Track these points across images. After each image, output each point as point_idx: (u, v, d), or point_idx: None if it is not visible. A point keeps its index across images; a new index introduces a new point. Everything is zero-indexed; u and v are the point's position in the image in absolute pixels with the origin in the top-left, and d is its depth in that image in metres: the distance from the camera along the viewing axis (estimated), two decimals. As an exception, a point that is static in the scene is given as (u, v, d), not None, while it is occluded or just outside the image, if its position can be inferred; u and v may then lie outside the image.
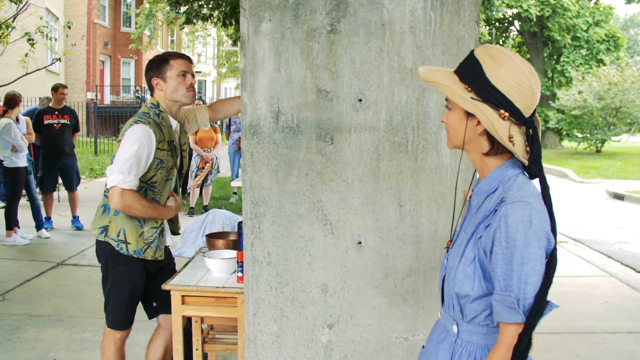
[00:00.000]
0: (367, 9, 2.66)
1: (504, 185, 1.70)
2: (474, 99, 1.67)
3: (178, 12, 15.18)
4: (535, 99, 1.68)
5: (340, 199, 2.70)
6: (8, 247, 7.87)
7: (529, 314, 1.58)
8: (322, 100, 2.68)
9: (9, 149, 7.77)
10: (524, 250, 1.57)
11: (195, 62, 41.63)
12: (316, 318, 2.77)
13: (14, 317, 5.34)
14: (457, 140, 1.78)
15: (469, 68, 1.71)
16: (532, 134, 1.67)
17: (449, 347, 1.82)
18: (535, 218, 1.58)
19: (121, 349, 3.43)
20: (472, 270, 1.71)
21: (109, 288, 3.36)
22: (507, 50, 1.69)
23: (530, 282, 1.57)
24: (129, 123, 3.21)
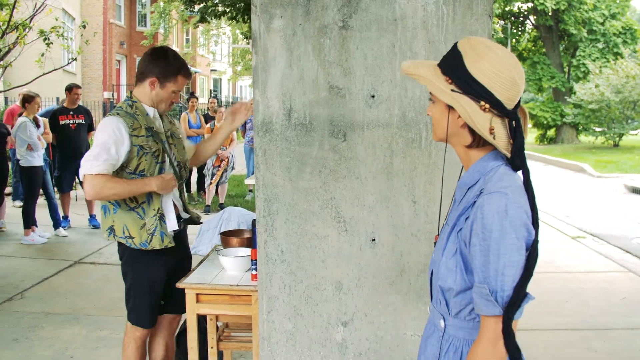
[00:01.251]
0: (378, 4, 2.64)
1: (485, 177, 1.69)
2: (454, 91, 1.66)
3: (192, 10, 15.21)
4: (518, 91, 1.65)
5: (354, 196, 2.69)
6: (26, 245, 7.94)
7: (506, 306, 1.56)
8: (335, 96, 2.66)
9: (24, 147, 7.83)
10: (500, 241, 1.55)
11: (210, 60, 41.80)
12: (330, 316, 2.76)
13: (31, 315, 5.38)
14: (440, 133, 1.77)
15: (451, 60, 1.70)
16: (515, 126, 1.65)
17: (437, 343, 1.81)
18: (512, 209, 1.57)
19: (142, 347, 3.44)
20: (454, 263, 1.69)
21: (129, 286, 3.37)
22: (490, 42, 1.68)
23: (507, 274, 1.55)
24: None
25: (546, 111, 29.96)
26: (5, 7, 11.86)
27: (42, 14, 12.56)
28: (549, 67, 30.70)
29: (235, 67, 39.72)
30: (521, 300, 1.56)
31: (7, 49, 12.22)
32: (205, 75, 43.97)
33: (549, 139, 31.24)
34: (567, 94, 29.97)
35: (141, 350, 3.43)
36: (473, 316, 1.71)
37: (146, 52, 3.38)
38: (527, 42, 33.97)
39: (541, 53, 32.13)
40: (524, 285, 1.56)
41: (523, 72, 1.67)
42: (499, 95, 1.62)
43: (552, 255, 7.81)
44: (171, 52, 3.38)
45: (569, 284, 6.55)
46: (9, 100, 17.68)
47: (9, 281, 6.39)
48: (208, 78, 45.33)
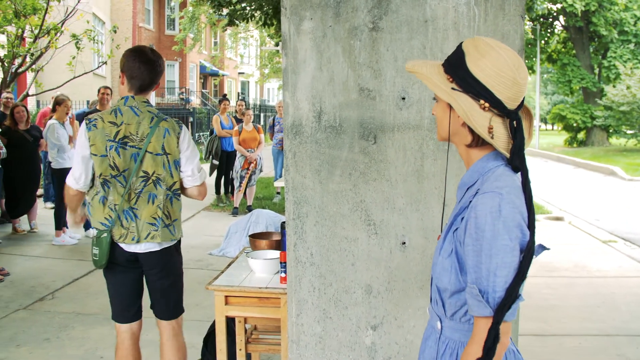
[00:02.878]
0: (409, 6, 2.62)
1: (483, 177, 1.67)
2: (455, 89, 1.65)
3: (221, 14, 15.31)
4: (519, 90, 1.63)
5: (384, 199, 2.67)
6: (57, 246, 8.04)
7: (497, 307, 1.53)
8: (365, 99, 2.65)
9: (55, 150, 7.92)
10: (493, 241, 1.53)
11: (238, 62, 42.03)
12: (360, 319, 2.75)
13: (62, 315, 5.44)
14: (442, 131, 1.76)
15: (454, 59, 1.69)
16: (516, 126, 1.63)
17: (434, 345, 1.79)
18: (505, 209, 1.54)
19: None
20: (449, 264, 1.68)
21: (179, 277, 3.44)
22: (494, 42, 1.65)
23: (500, 275, 1.53)
24: (175, 126, 3.27)
25: (576, 113, 29.62)
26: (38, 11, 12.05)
27: (73, 18, 12.74)
28: (579, 68, 30.34)
29: (262, 70, 39.86)
30: (512, 301, 1.53)
31: (39, 52, 12.42)
32: (233, 78, 44.21)
33: (579, 141, 30.87)
34: (597, 96, 29.56)
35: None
36: (468, 317, 1.69)
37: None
38: (556, 44, 33.59)
39: (571, 55, 31.76)
40: (516, 287, 1.53)
41: (527, 73, 1.65)
42: (499, 94, 1.61)
43: (583, 259, 7.70)
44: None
45: (601, 288, 6.45)
46: (41, 104, 17.94)
47: (40, 281, 6.47)
48: (236, 81, 45.57)
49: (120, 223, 3.17)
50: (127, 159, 3.13)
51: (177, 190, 3.28)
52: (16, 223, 8.83)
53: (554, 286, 6.48)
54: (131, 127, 3.15)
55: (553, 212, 11.14)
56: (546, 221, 10.38)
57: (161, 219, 3.20)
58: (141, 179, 3.17)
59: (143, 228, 3.18)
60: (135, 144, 3.15)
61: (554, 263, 7.43)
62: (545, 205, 11.84)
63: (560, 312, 5.65)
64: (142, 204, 3.18)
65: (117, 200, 3.14)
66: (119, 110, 3.17)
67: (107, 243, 3.15)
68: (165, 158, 3.19)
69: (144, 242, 3.20)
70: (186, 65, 33.92)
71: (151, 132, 3.16)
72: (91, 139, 3.11)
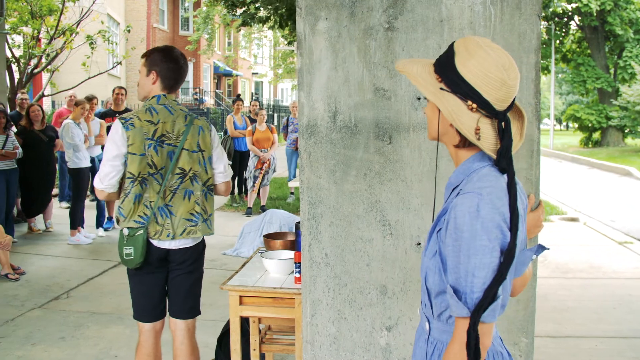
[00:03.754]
0: (424, 5, 2.61)
1: (468, 177, 1.65)
2: (443, 90, 1.64)
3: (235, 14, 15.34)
4: (509, 91, 1.61)
5: (399, 199, 2.66)
6: (72, 246, 8.08)
7: (474, 307, 1.52)
8: (380, 99, 2.64)
9: (70, 149, 7.97)
10: (471, 242, 1.52)
11: (252, 63, 42.13)
12: (374, 320, 2.74)
13: (77, 314, 5.47)
14: (432, 131, 1.75)
15: (444, 59, 1.68)
16: (504, 127, 1.61)
17: (424, 345, 1.79)
18: (484, 209, 1.53)
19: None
20: (434, 264, 1.67)
21: (200, 276, 3.45)
22: (484, 42, 1.64)
23: (477, 276, 1.52)
24: (207, 124, 3.37)
25: (591, 113, 29.42)
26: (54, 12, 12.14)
27: (88, 19, 12.83)
28: (593, 68, 30.13)
29: (276, 70, 39.94)
30: (489, 302, 1.51)
31: (54, 53, 12.51)
32: (246, 78, 44.34)
33: (594, 141, 30.66)
34: (612, 96, 29.34)
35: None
36: (454, 318, 1.67)
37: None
38: (571, 44, 33.37)
39: (586, 54, 31.55)
40: (494, 288, 1.51)
41: (517, 73, 1.63)
42: (486, 95, 1.59)
43: (599, 260, 7.64)
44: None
45: (617, 290, 6.39)
46: (56, 104, 18.06)
47: (55, 280, 6.51)
48: (249, 81, 45.70)
49: (156, 220, 3.18)
50: (164, 156, 3.17)
51: (211, 186, 3.35)
52: (32, 222, 8.89)
53: (569, 287, 6.43)
54: (167, 125, 3.19)
55: (568, 213, 11.07)
56: (561, 222, 10.31)
57: (200, 214, 3.27)
58: (177, 176, 3.21)
59: (179, 224, 3.21)
60: (172, 142, 3.19)
61: (569, 264, 7.38)
62: (560, 205, 11.77)
63: (576, 313, 5.61)
64: (177, 201, 3.21)
65: (153, 197, 3.17)
66: (153, 109, 3.21)
67: (143, 240, 3.15)
68: (200, 155, 3.27)
69: (179, 239, 3.23)
70: (200, 65, 34.05)
71: (187, 130, 3.23)
72: (130, 138, 3.11)
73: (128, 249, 3.16)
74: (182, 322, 3.39)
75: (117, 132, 3.13)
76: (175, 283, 3.35)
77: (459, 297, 1.55)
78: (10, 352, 4.59)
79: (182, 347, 3.39)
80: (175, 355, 3.41)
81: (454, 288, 1.56)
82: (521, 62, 2.59)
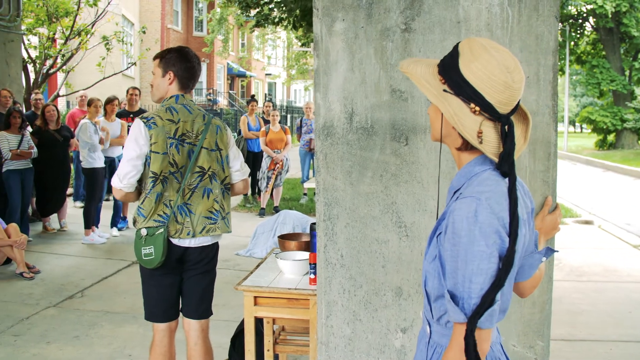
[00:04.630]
0: (442, 7, 2.60)
1: (469, 181, 1.64)
2: (446, 92, 1.61)
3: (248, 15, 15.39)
4: (512, 94, 1.59)
5: (415, 201, 2.65)
6: (86, 245, 8.12)
7: (471, 313, 1.50)
8: (397, 100, 2.64)
9: (86, 149, 8.01)
10: (469, 247, 1.50)
11: (265, 64, 42.22)
12: (390, 322, 2.73)
13: (91, 313, 5.50)
14: (435, 132, 1.73)
15: (448, 60, 1.65)
16: (507, 131, 1.59)
17: (424, 348, 1.78)
18: (482, 214, 1.51)
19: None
20: (434, 268, 1.65)
21: (214, 278, 3.48)
22: (489, 43, 1.61)
23: (475, 282, 1.50)
24: (223, 124, 3.42)
25: (606, 116, 29.21)
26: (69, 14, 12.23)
27: (104, 20, 12.91)
28: (608, 70, 29.89)
29: (289, 71, 39.99)
30: (486, 308, 1.50)
31: (70, 54, 12.60)
32: (260, 79, 44.42)
33: (609, 144, 30.44)
34: (627, 98, 29.11)
35: None
36: (452, 323, 1.66)
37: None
38: (585, 45, 33.16)
39: (600, 56, 31.32)
40: (491, 294, 1.50)
41: (522, 76, 1.60)
42: (490, 98, 1.57)
43: (614, 263, 7.59)
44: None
45: (633, 294, 6.34)
46: (71, 104, 18.18)
47: (70, 280, 6.55)
48: (263, 82, 45.78)
49: (175, 219, 3.19)
50: (185, 155, 3.20)
51: (228, 185, 3.38)
52: (46, 222, 8.95)
53: (584, 291, 6.39)
54: (187, 124, 3.23)
55: (582, 216, 11.00)
56: (575, 225, 10.25)
57: (219, 212, 3.30)
58: (196, 174, 3.24)
59: (198, 223, 3.23)
60: (192, 141, 3.23)
61: (583, 267, 7.34)
62: (574, 208, 11.70)
63: (590, 317, 5.57)
64: (196, 199, 3.23)
65: (173, 196, 3.19)
66: (173, 108, 3.24)
67: (163, 239, 3.15)
68: (218, 154, 3.31)
69: (199, 237, 3.25)
70: (214, 66, 34.14)
71: (205, 129, 3.27)
72: (153, 137, 3.12)
73: (147, 249, 3.16)
74: (196, 323, 3.40)
75: (140, 132, 3.13)
76: (191, 284, 3.36)
77: (456, 302, 1.54)
78: (26, 350, 4.62)
79: (196, 347, 3.39)
80: (190, 356, 3.41)
81: (452, 293, 1.55)
82: (539, 64, 2.58)
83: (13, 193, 7.76)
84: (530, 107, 2.56)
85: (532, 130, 2.57)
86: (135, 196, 3.26)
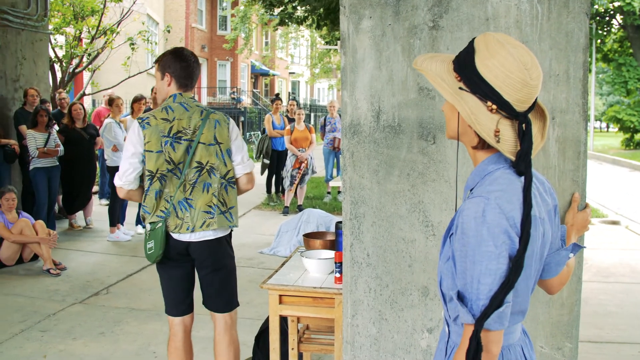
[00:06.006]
0: (470, 4, 2.58)
1: (482, 180, 1.62)
2: (462, 89, 1.59)
3: (272, 14, 15.41)
4: (530, 92, 1.56)
5: (442, 200, 2.63)
6: (111, 242, 8.20)
7: (480, 315, 1.49)
8: (424, 98, 2.61)
9: (110, 148, 8.08)
10: (477, 247, 1.49)
11: (289, 62, 42.30)
12: (416, 322, 2.71)
13: (116, 310, 5.54)
14: (451, 131, 1.71)
15: (464, 56, 1.62)
16: (525, 129, 1.56)
17: (443, 347, 1.77)
18: (490, 214, 1.49)
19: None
20: (447, 268, 1.63)
21: (233, 269, 3.51)
22: (506, 39, 1.58)
23: (483, 282, 1.48)
24: (224, 117, 3.44)
25: (632, 115, 28.84)
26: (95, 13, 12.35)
27: (129, 19, 13.02)
28: (635, 68, 29.50)
29: (313, 70, 39.99)
30: (494, 310, 1.48)
31: (95, 53, 12.72)
32: (283, 77, 44.50)
33: (636, 143, 30.03)
34: (655, 97, 28.72)
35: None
36: None
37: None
38: (612, 43, 32.74)
39: (628, 54, 30.90)
40: (500, 295, 1.48)
41: (540, 73, 1.57)
42: (507, 96, 1.54)
43: (642, 265, 7.48)
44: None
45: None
46: (96, 103, 18.36)
47: (95, 276, 6.61)
48: (286, 80, 45.85)
49: (176, 214, 3.27)
50: (182, 152, 3.26)
51: (232, 179, 3.39)
52: (72, 219, 9.04)
53: (611, 292, 6.31)
54: (183, 121, 3.29)
55: (609, 216, 10.86)
56: (602, 225, 10.12)
57: (217, 207, 3.32)
58: (195, 169, 3.29)
59: (198, 217, 3.28)
60: (189, 137, 3.28)
61: (610, 268, 7.24)
62: (600, 208, 11.55)
63: (618, 318, 5.50)
64: (196, 194, 3.29)
65: (173, 192, 3.27)
66: (169, 107, 3.32)
67: (162, 233, 3.25)
68: (217, 147, 3.34)
69: (199, 231, 3.29)
70: (237, 65, 34.25)
71: (202, 124, 3.31)
72: (146, 137, 3.23)
73: (150, 243, 3.28)
74: (220, 316, 3.48)
75: (134, 132, 3.27)
76: (205, 282, 3.44)
77: (465, 303, 1.53)
78: (53, 345, 4.67)
79: (219, 338, 3.48)
80: (215, 348, 3.51)
81: (462, 294, 1.54)
82: (568, 62, 2.54)
83: (40, 191, 7.86)
84: (560, 105, 2.53)
85: (562, 128, 2.54)
86: (139, 195, 3.37)
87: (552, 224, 1.72)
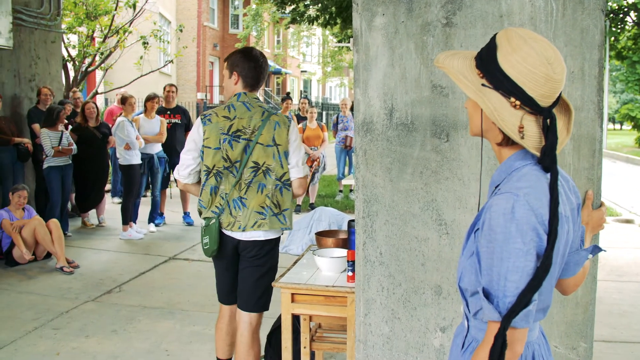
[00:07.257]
0: (484, 1, 2.56)
1: (509, 176, 1.60)
2: (485, 86, 1.57)
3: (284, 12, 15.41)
4: (554, 87, 1.54)
5: (456, 198, 2.61)
6: (124, 241, 8.22)
7: (506, 312, 1.46)
8: (437, 96, 2.60)
9: (122, 146, 8.10)
10: (504, 244, 1.47)
11: (300, 61, 42.30)
12: (429, 321, 2.70)
13: (129, 307, 5.56)
14: (474, 128, 1.70)
15: (485, 53, 1.61)
16: (549, 125, 1.54)
17: (460, 342, 1.76)
18: (519, 211, 1.47)
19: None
20: (471, 264, 1.62)
21: (273, 270, 3.53)
22: (528, 34, 1.56)
23: (510, 280, 1.46)
24: (285, 119, 3.45)
25: (646, 113, 28.62)
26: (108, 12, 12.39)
27: (141, 18, 13.06)
28: (649, 66, 29.26)
29: (324, 68, 39.96)
30: (521, 308, 1.46)
31: (108, 52, 12.77)
32: (295, 76, 44.49)
33: (650, 141, 29.81)
34: (670, 95, 28.46)
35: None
36: None
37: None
38: (626, 41, 32.48)
39: (642, 52, 30.66)
40: (528, 293, 1.46)
41: (563, 67, 1.55)
42: (530, 92, 1.53)
43: (661, 264, 7.42)
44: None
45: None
46: (109, 101, 18.44)
47: (108, 274, 6.63)
48: (298, 79, 45.85)
49: (230, 211, 3.34)
50: (239, 150, 3.32)
51: (288, 181, 3.41)
52: (85, 217, 9.08)
53: (625, 291, 6.26)
54: (243, 121, 3.34)
55: (623, 215, 10.78)
56: (615, 224, 10.04)
57: (270, 208, 3.35)
58: (251, 169, 3.33)
59: (250, 217, 3.33)
60: (247, 136, 3.33)
61: (624, 267, 7.18)
62: (614, 207, 11.47)
63: (632, 318, 5.45)
64: (251, 194, 3.33)
65: (228, 189, 3.33)
66: (232, 106, 3.38)
67: (216, 229, 3.34)
68: (275, 149, 3.36)
69: (249, 231, 3.34)
70: (248, 63, 34.18)
71: (262, 125, 3.35)
72: (206, 133, 3.32)
73: (205, 238, 3.38)
74: (245, 315, 3.48)
75: (196, 127, 3.37)
76: (243, 275, 3.47)
77: (490, 300, 1.51)
78: (66, 343, 4.69)
79: (241, 338, 3.49)
80: (236, 346, 3.54)
81: (487, 291, 1.52)
82: (584, 59, 2.52)
83: (54, 189, 7.90)
84: (575, 102, 2.50)
85: (577, 126, 2.51)
86: (196, 189, 3.48)
87: (575, 223, 1.71)
